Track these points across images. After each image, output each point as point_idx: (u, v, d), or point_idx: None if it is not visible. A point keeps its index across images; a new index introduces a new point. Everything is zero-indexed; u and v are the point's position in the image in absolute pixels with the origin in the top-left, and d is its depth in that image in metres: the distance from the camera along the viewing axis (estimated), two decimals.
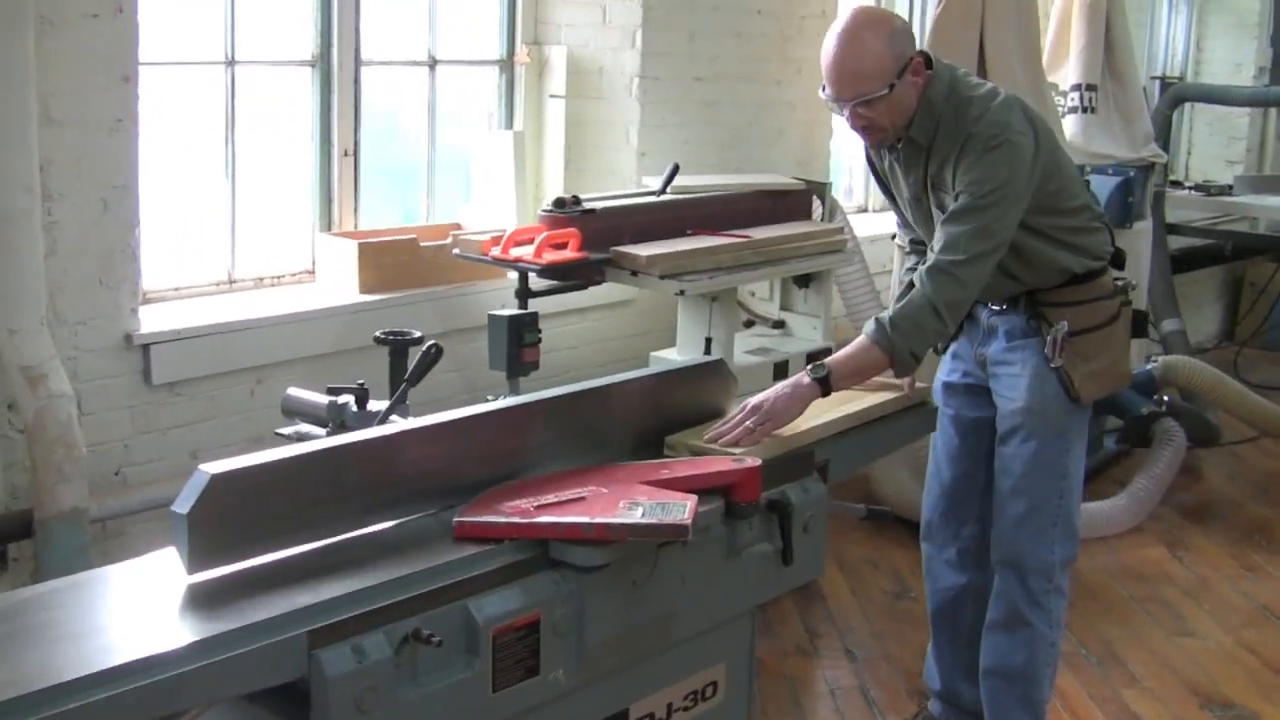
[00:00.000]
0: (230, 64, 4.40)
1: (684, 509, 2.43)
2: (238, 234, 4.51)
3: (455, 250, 4.53)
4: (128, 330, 3.87)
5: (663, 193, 4.79)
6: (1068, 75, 6.67)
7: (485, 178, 5.19)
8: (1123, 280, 3.50)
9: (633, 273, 4.39)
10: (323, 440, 2.53)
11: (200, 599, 2.15)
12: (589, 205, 4.49)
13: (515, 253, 4.31)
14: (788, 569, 2.85)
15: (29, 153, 3.47)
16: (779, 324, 5.23)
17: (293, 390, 3.16)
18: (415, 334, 3.20)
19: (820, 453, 3.06)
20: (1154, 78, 8.90)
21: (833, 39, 3.19)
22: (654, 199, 4.78)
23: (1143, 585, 5.24)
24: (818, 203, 5.34)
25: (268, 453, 2.31)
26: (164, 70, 4.23)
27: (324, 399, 3.04)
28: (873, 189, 6.66)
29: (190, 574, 2.19)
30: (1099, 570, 5.33)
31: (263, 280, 4.59)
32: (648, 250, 4.39)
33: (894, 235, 3.90)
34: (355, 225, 4.82)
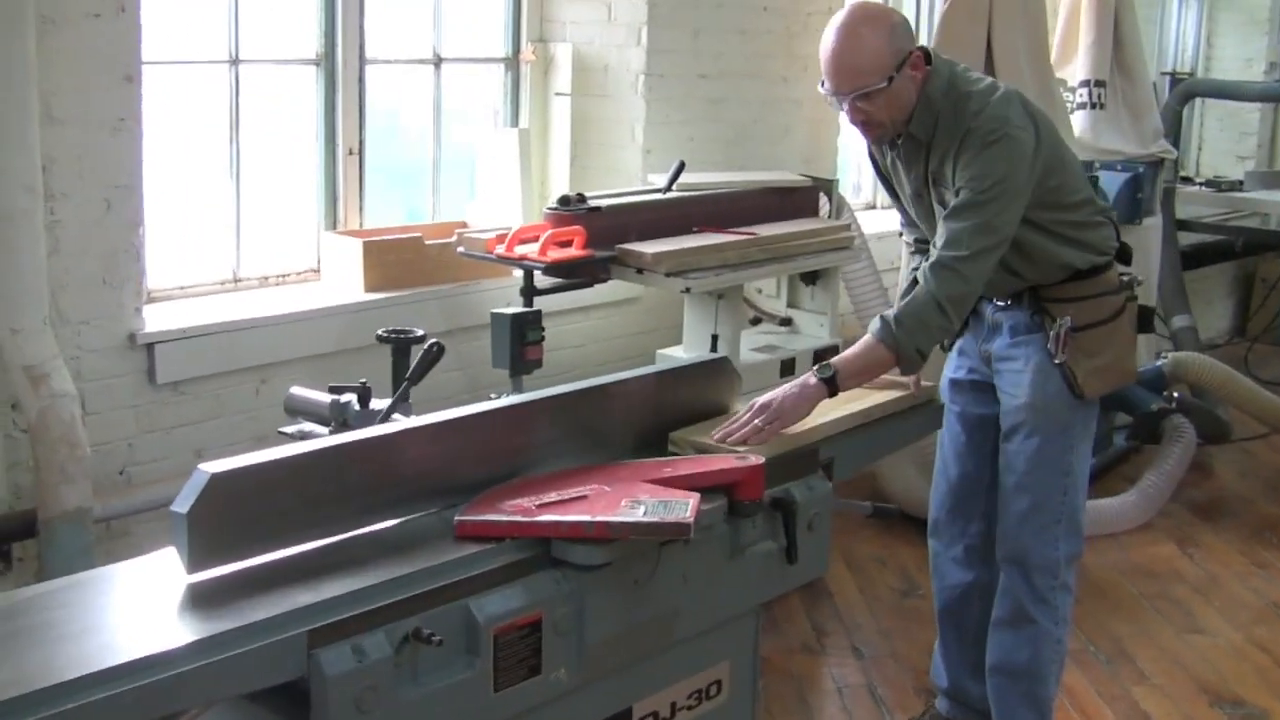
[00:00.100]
0: (234, 63, 4.40)
1: (686, 507, 2.42)
2: (243, 233, 4.50)
3: (460, 248, 4.52)
4: (131, 329, 3.87)
5: (668, 190, 4.77)
6: (1076, 71, 6.67)
7: (490, 176, 5.18)
8: (1128, 275, 3.49)
9: (638, 270, 4.37)
10: (323, 439, 2.53)
11: (200, 598, 2.15)
12: (594, 203, 4.48)
13: (520, 251, 4.29)
14: (792, 567, 2.84)
15: (30, 152, 3.46)
16: (786, 321, 5.21)
17: (295, 389, 3.15)
18: (417, 332, 3.20)
19: (825, 450, 3.05)
20: (1164, 73, 8.87)
21: (831, 33, 3.20)
22: (659, 196, 4.76)
23: (1152, 582, 5.22)
24: (824, 199, 5.33)
25: (267, 452, 2.31)
26: (168, 69, 4.22)
27: (326, 398, 3.03)
28: (880, 185, 6.64)
29: (190, 573, 2.19)
30: (1108, 567, 5.31)
31: (268, 279, 4.58)
32: (653, 248, 4.37)
33: (900, 233, 3.88)
34: (360, 224, 4.81)
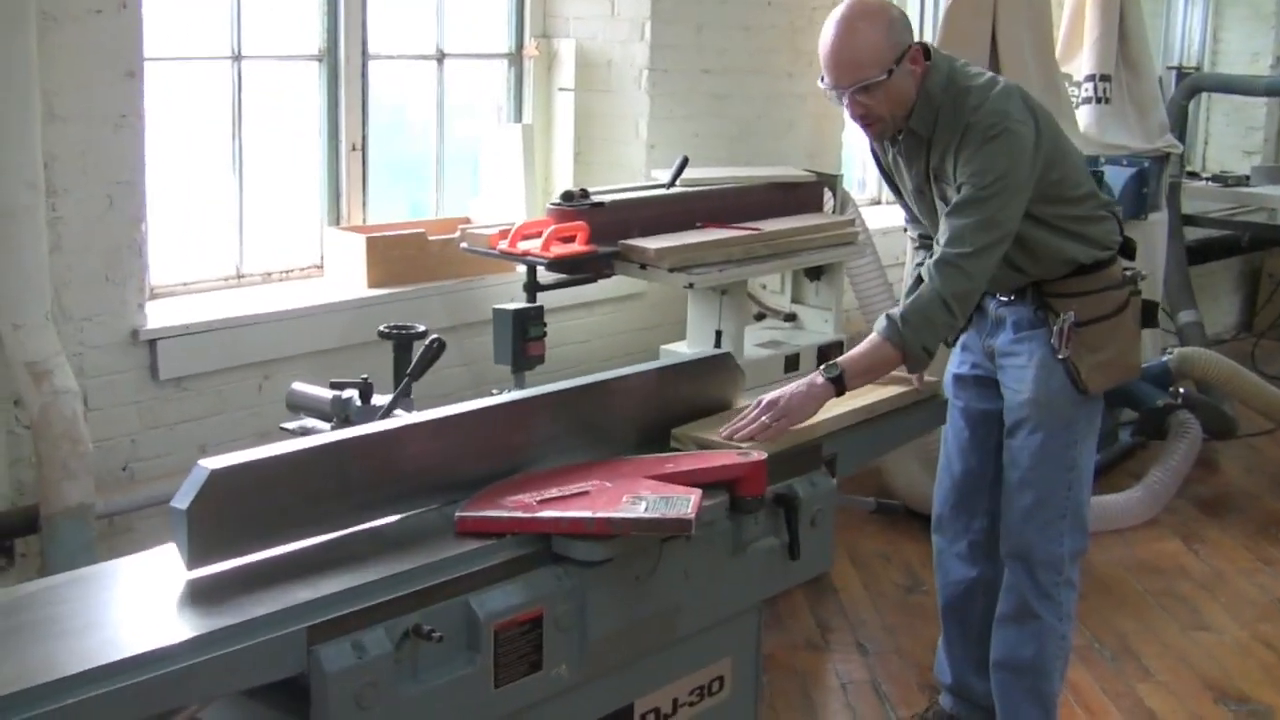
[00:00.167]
0: (237, 59, 4.39)
1: (687, 503, 2.41)
2: (246, 229, 4.50)
3: (463, 244, 4.51)
4: (134, 325, 3.86)
5: (672, 185, 4.76)
6: (1081, 65, 6.65)
7: (494, 171, 5.17)
8: (1132, 270, 3.48)
9: (641, 266, 4.36)
10: (322, 435, 2.52)
11: (200, 594, 2.15)
12: (597, 198, 4.47)
13: (523, 246, 4.28)
14: (794, 563, 2.83)
15: (32, 148, 3.46)
16: (790, 317, 5.20)
17: (297, 385, 3.15)
18: (419, 328, 3.19)
19: (828, 446, 3.04)
20: (1170, 68, 8.85)
21: (830, 27, 3.20)
22: (663, 192, 4.75)
23: (1158, 579, 5.21)
24: (829, 195, 5.32)
25: (267, 448, 2.30)
26: (171, 65, 4.22)
27: (328, 393, 3.02)
28: (884, 182, 6.62)
29: (190, 569, 2.18)
30: (1113, 563, 5.30)
31: (271, 275, 4.58)
32: (656, 243, 4.36)
33: (905, 228, 3.87)
34: (364, 219, 4.81)
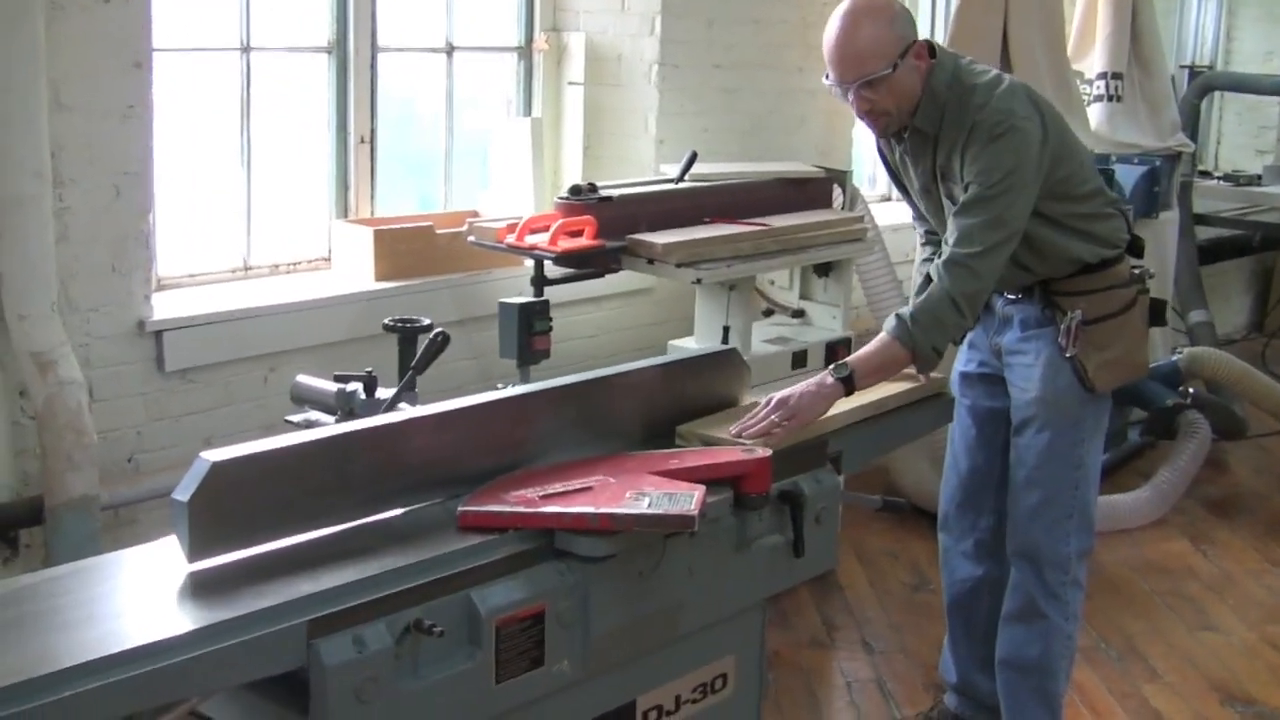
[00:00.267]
0: (246, 50, 4.38)
1: (691, 500, 2.40)
2: (253, 221, 4.49)
3: (471, 238, 4.50)
4: (140, 317, 3.85)
5: (680, 180, 4.75)
6: (1093, 63, 6.64)
7: (503, 165, 5.16)
8: (1140, 268, 3.47)
9: (649, 261, 4.34)
10: (324, 428, 2.51)
11: (200, 587, 2.14)
12: (605, 193, 4.46)
13: (530, 240, 4.28)
14: (799, 561, 2.82)
15: (39, 138, 3.45)
16: (798, 313, 5.18)
17: (302, 377, 3.14)
18: (424, 321, 3.18)
19: (834, 444, 3.03)
20: (1183, 66, 8.84)
21: (834, 22, 3.22)
22: (671, 187, 4.73)
23: (1165, 579, 5.19)
24: (838, 191, 5.30)
25: (269, 440, 2.29)
26: (179, 56, 4.21)
27: (332, 386, 3.01)
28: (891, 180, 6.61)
29: (191, 562, 2.17)
30: (1121, 563, 5.29)
31: (278, 267, 4.57)
32: (664, 238, 4.35)
33: (915, 227, 3.85)
34: (372, 212, 4.80)
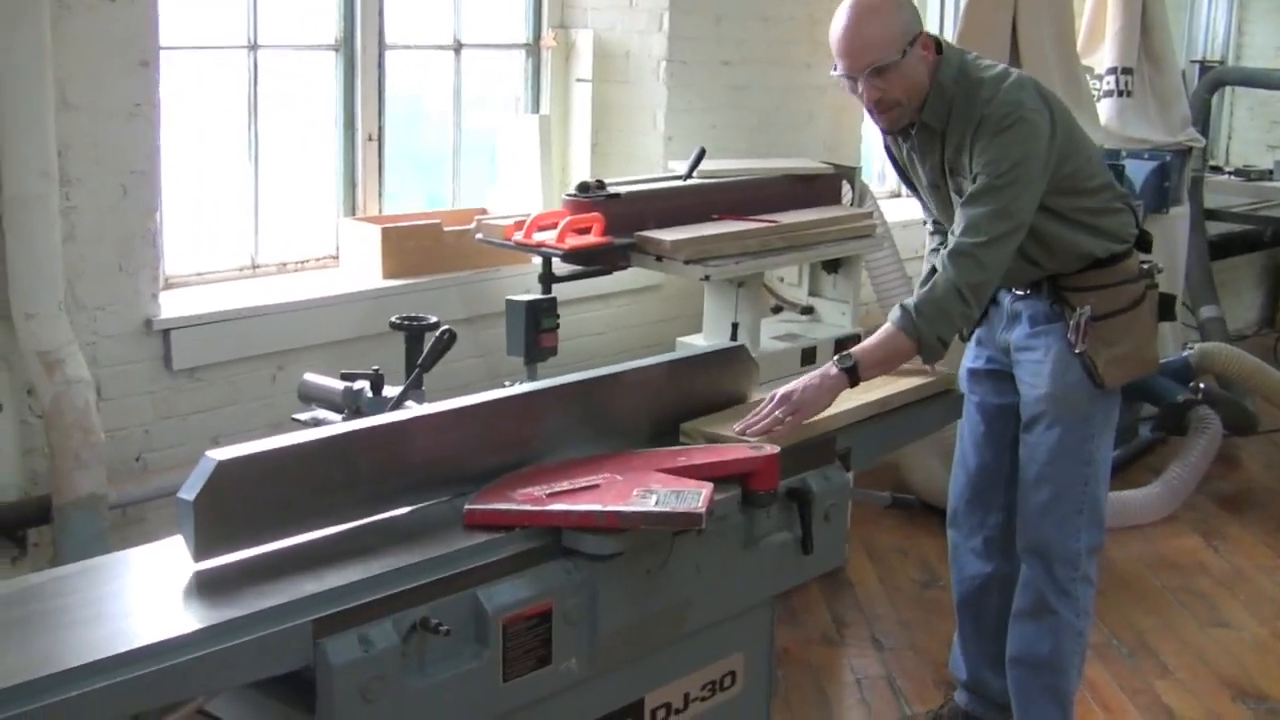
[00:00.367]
0: (253, 48, 4.38)
1: (698, 497, 2.39)
2: (261, 219, 4.49)
3: (478, 235, 4.49)
4: (148, 315, 3.85)
5: (689, 177, 4.74)
6: (1103, 58, 6.61)
7: (511, 162, 5.16)
8: (1148, 263, 3.45)
9: (657, 258, 4.34)
10: (330, 427, 2.50)
11: (206, 586, 2.13)
12: (613, 190, 4.45)
13: (538, 237, 4.27)
14: (807, 558, 2.81)
15: (45, 137, 3.45)
16: (807, 310, 5.17)
17: (309, 376, 3.13)
18: (431, 319, 3.17)
19: (842, 440, 3.01)
20: (1194, 61, 8.81)
21: (842, 13, 3.24)
22: (679, 183, 4.72)
23: (1176, 575, 5.17)
24: (847, 187, 5.29)
25: (275, 439, 2.29)
26: (186, 54, 4.21)
27: (339, 385, 3.01)
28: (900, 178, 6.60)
29: (197, 561, 2.17)
30: (1132, 560, 5.27)
31: (286, 265, 4.57)
32: (672, 235, 4.34)
33: (924, 221, 3.84)
34: (380, 210, 4.79)
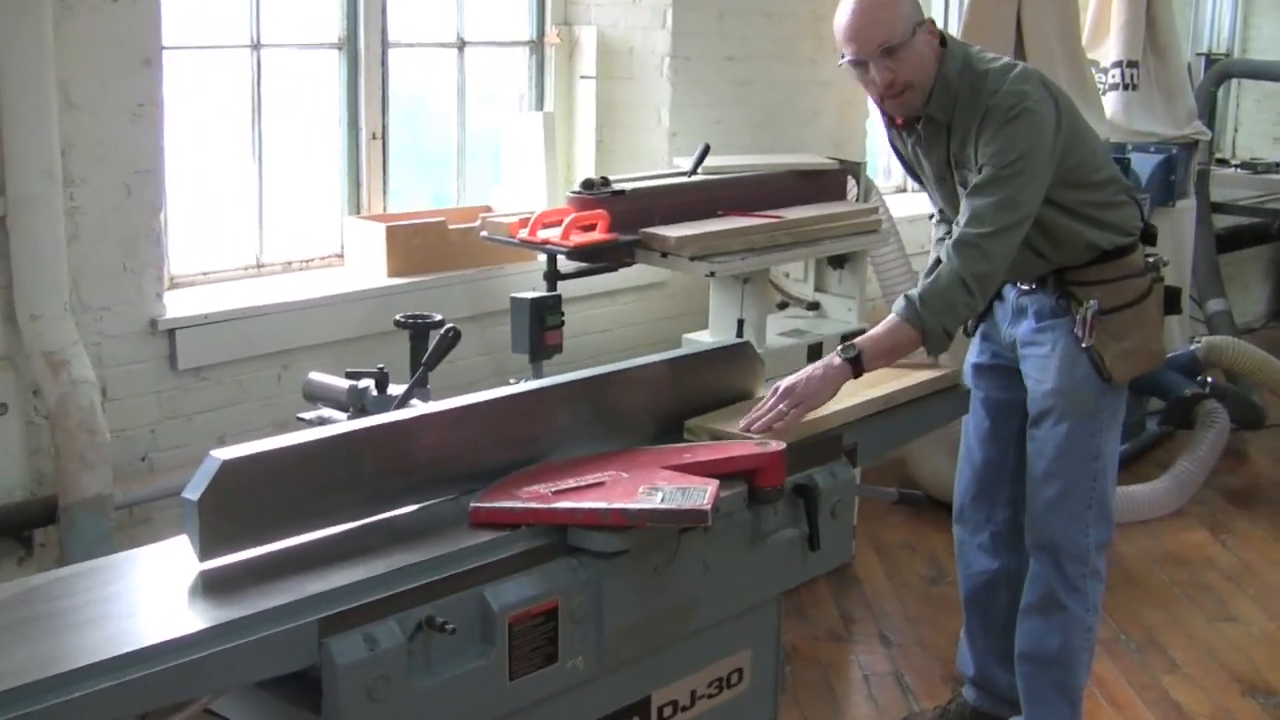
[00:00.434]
0: (256, 47, 4.37)
1: (704, 494, 2.38)
2: (266, 218, 4.48)
3: (483, 233, 4.49)
4: (153, 315, 3.85)
5: (694, 173, 4.73)
6: (1108, 52, 6.62)
7: (515, 160, 5.14)
8: (1154, 256, 3.44)
9: (663, 254, 4.33)
10: (335, 426, 2.49)
11: (211, 586, 2.13)
12: (618, 186, 4.44)
13: (543, 235, 4.26)
14: (814, 554, 2.80)
15: (49, 137, 3.45)
16: (813, 305, 5.16)
17: (314, 375, 3.13)
18: (435, 317, 3.16)
19: (849, 436, 3.00)
20: (1199, 54, 8.80)
21: (847, 1, 3.24)
22: (684, 179, 4.71)
23: (1184, 570, 5.16)
24: (852, 182, 5.27)
25: (279, 439, 2.28)
26: (190, 54, 4.21)
27: (344, 383, 3.00)
28: (907, 173, 6.58)
29: (202, 561, 2.16)
30: (1140, 555, 5.26)
31: (291, 264, 4.56)
32: (678, 231, 4.33)
33: (931, 215, 3.82)
34: (384, 208, 4.78)
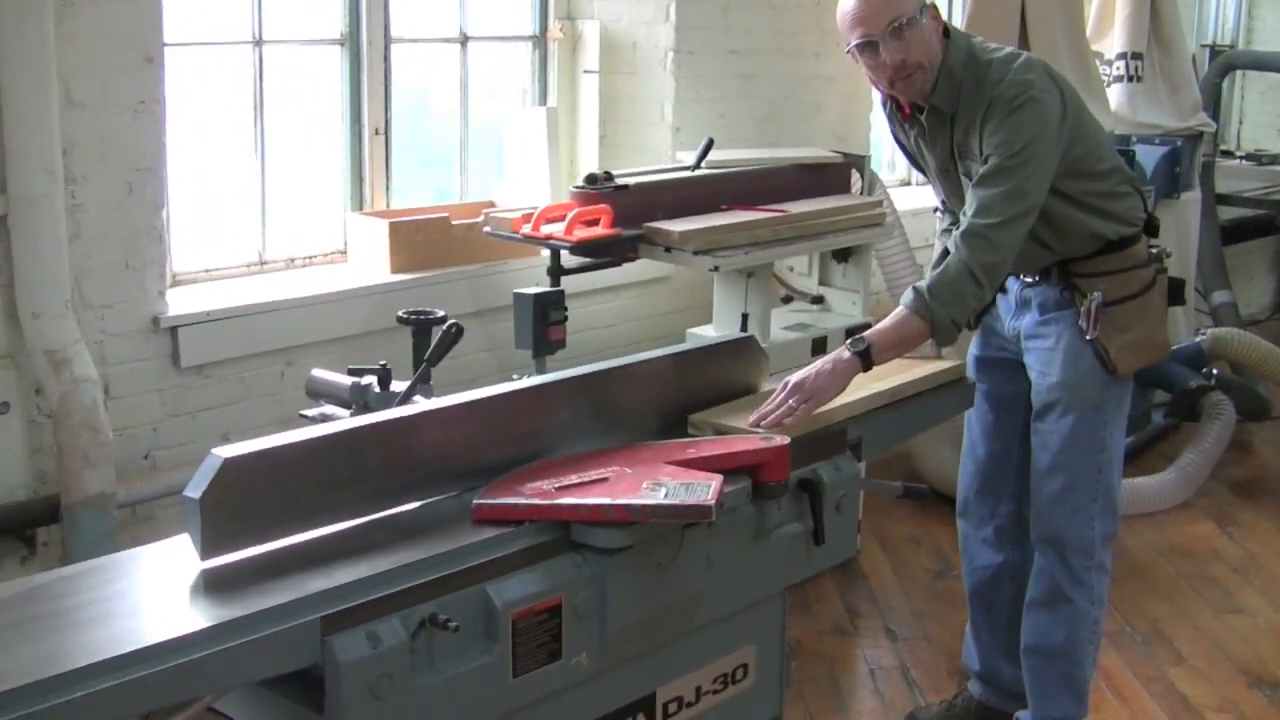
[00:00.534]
0: (258, 44, 4.37)
1: (708, 489, 2.37)
2: (268, 215, 4.48)
3: (486, 228, 4.48)
4: (155, 313, 3.85)
5: (697, 168, 4.72)
6: (1113, 44, 6.60)
7: (519, 155, 5.14)
8: (1157, 247, 3.43)
9: (666, 249, 4.31)
10: (336, 423, 2.49)
11: (213, 585, 2.12)
12: (621, 181, 4.43)
13: (546, 230, 4.25)
14: (819, 549, 2.79)
15: (50, 135, 3.45)
16: (817, 299, 5.14)
17: (317, 371, 3.12)
18: (438, 313, 3.16)
19: (853, 430, 2.99)
20: (1204, 45, 8.77)
21: None
22: (688, 174, 4.70)
23: (1190, 562, 5.15)
24: (857, 176, 5.26)
25: (280, 436, 2.28)
26: (191, 51, 4.20)
27: (347, 380, 2.99)
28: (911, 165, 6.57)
29: (204, 559, 2.16)
30: (1146, 547, 5.24)
31: (294, 261, 4.56)
32: (681, 226, 4.32)
33: (935, 209, 3.81)
34: (387, 204, 4.78)
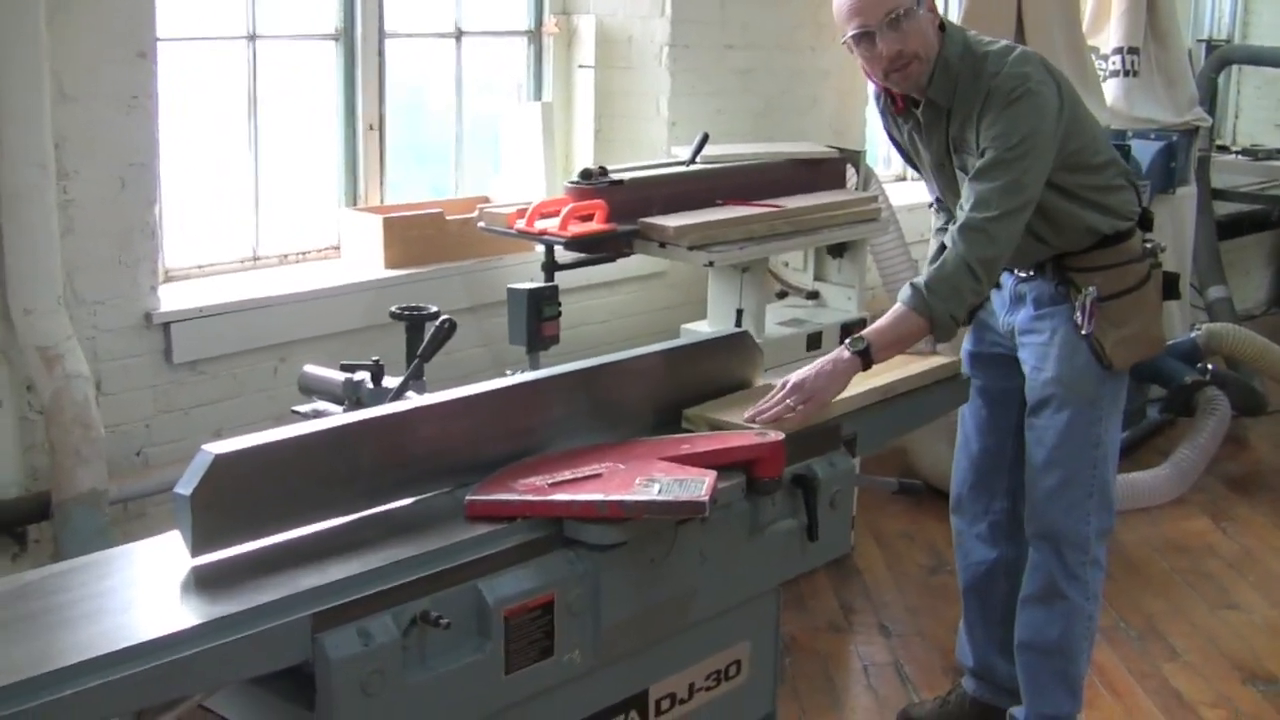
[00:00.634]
0: (252, 39, 4.35)
1: (702, 485, 2.37)
2: (262, 210, 4.46)
3: (481, 224, 4.47)
4: (147, 309, 3.83)
5: (692, 162, 4.71)
6: (1109, 38, 6.60)
7: (514, 150, 5.13)
8: (1152, 242, 3.42)
9: (661, 244, 4.31)
10: (328, 419, 2.49)
11: (204, 582, 2.12)
12: (616, 176, 4.42)
13: (540, 225, 4.24)
14: (813, 545, 2.79)
15: (42, 130, 3.43)
16: (813, 295, 5.14)
17: (309, 367, 3.11)
18: (431, 309, 3.15)
19: (848, 426, 2.99)
20: (1200, 40, 8.77)
21: None
22: (683, 169, 4.69)
23: (1185, 557, 5.15)
24: (852, 171, 5.26)
25: (272, 432, 2.27)
26: (185, 45, 4.19)
27: (339, 376, 2.98)
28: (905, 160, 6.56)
29: (194, 556, 2.15)
30: (1141, 542, 5.24)
31: (287, 257, 4.54)
32: (676, 221, 4.31)
33: (930, 204, 3.80)
34: (382, 200, 4.77)
